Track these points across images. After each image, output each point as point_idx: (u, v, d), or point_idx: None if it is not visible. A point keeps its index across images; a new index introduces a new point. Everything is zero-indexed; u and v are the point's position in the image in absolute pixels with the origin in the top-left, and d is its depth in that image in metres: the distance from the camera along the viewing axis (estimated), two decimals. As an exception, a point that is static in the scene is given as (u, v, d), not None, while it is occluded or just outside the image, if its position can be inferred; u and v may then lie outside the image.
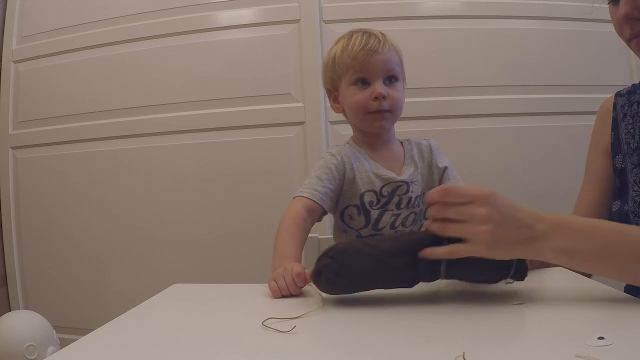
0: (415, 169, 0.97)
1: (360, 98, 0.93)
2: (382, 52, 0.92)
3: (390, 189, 0.94)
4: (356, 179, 0.94)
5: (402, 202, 0.94)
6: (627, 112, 0.90)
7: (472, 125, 1.73)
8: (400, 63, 0.96)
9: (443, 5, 1.79)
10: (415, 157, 0.99)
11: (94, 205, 1.90)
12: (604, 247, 0.62)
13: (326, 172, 0.93)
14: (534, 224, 0.63)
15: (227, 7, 1.83)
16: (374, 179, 0.94)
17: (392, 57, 0.94)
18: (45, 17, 1.97)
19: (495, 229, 0.61)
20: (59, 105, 1.94)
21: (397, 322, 0.60)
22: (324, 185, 0.92)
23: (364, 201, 0.94)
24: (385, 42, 0.93)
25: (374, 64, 0.92)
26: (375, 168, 0.95)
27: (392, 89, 0.93)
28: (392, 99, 0.93)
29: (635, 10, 0.72)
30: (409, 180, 0.95)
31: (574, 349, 0.44)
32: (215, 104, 1.81)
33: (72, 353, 0.51)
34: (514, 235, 0.62)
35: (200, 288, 0.86)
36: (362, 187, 0.94)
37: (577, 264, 0.64)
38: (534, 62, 1.76)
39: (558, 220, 0.64)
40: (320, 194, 0.90)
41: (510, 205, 0.64)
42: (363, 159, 0.96)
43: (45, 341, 1.51)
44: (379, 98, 0.91)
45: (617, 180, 0.90)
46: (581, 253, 0.62)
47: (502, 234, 0.62)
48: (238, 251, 1.77)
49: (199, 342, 0.53)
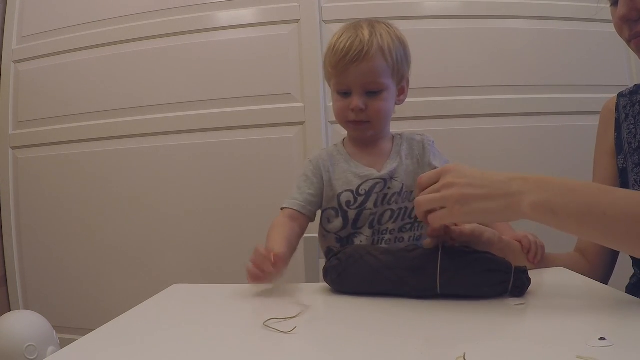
0: (399, 164, 0.94)
1: (340, 107, 0.93)
2: (364, 61, 0.87)
3: (368, 187, 0.92)
4: (332, 181, 0.94)
5: (378, 199, 0.92)
6: (629, 112, 0.90)
7: (472, 125, 1.73)
8: (393, 67, 0.91)
9: (443, 5, 1.79)
10: (402, 152, 0.95)
11: (94, 205, 1.89)
12: (589, 203, 0.59)
13: (304, 179, 0.96)
14: (508, 181, 0.63)
15: (227, 7, 1.83)
16: (352, 178, 0.93)
17: (375, 66, 0.88)
18: (45, 17, 1.97)
19: (463, 190, 0.63)
20: (59, 105, 1.94)
21: (398, 323, 0.60)
22: (302, 192, 0.94)
23: (341, 202, 0.93)
24: (370, 48, 0.87)
25: (353, 75, 0.88)
26: (354, 167, 0.94)
27: (374, 100, 0.90)
28: (372, 110, 0.90)
29: (632, 11, 0.73)
30: (388, 177, 0.92)
31: (574, 350, 0.44)
32: (215, 104, 1.81)
33: (72, 353, 0.51)
34: (486, 193, 0.63)
35: (200, 288, 0.86)
36: (338, 188, 0.93)
37: (562, 221, 0.61)
38: (534, 62, 1.76)
39: (539, 177, 0.63)
40: (300, 202, 0.93)
41: (482, 170, 0.65)
42: (342, 161, 0.96)
43: (45, 341, 1.51)
44: (355, 111, 0.90)
45: (619, 180, 0.90)
46: (566, 208, 0.60)
47: (472, 193, 0.63)
48: (238, 251, 1.77)
49: (199, 342, 0.53)
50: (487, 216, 0.64)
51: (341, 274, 0.71)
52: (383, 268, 0.68)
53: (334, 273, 0.71)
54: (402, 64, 0.93)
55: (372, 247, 0.74)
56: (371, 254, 0.71)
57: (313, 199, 0.94)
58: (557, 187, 0.61)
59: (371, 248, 0.74)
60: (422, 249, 0.71)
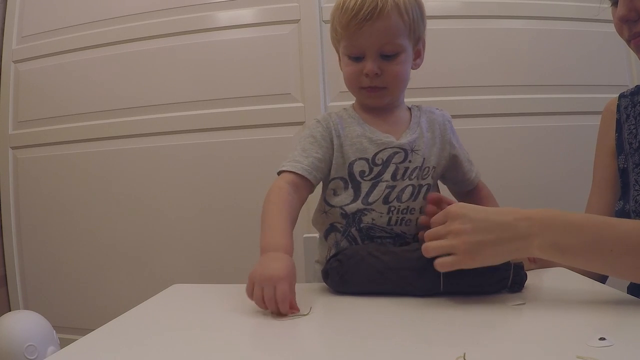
0: (419, 136, 0.85)
1: (352, 71, 0.83)
2: (378, 19, 0.78)
3: (386, 156, 0.81)
4: (344, 146, 0.83)
5: (398, 172, 0.81)
6: (630, 112, 0.90)
7: (472, 125, 1.73)
8: (409, 26, 0.82)
9: (443, 5, 1.79)
10: (422, 125, 0.86)
11: (93, 205, 1.89)
12: (595, 240, 0.60)
13: (310, 141, 0.84)
14: (516, 223, 0.63)
15: (227, 7, 1.83)
16: (367, 145, 0.82)
17: (391, 24, 0.79)
18: (45, 17, 1.97)
19: (470, 238, 0.63)
20: (59, 105, 1.94)
21: (398, 322, 0.60)
22: (308, 154, 0.82)
23: (354, 171, 0.82)
24: (385, 4, 0.78)
25: (367, 36, 0.79)
26: (369, 132, 0.84)
27: (390, 64, 0.82)
28: (389, 74, 0.82)
29: (632, 12, 0.74)
30: (408, 148, 0.82)
31: (575, 350, 0.44)
32: (215, 104, 1.81)
33: (72, 353, 0.51)
34: (494, 238, 0.63)
35: (200, 288, 0.86)
36: (351, 155, 0.82)
37: (570, 259, 0.62)
38: (534, 62, 1.76)
39: (545, 216, 0.63)
40: (305, 166, 0.81)
41: (486, 211, 0.65)
42: (355, 124, 0.85)
43: (45, 341, 1.51)
44: (370, 76, 0.81)
45: (620, 180, 0.91)
46: (573, 248, 0.61)
47: (481, 241, 0.63)
48: (238, 251, 1.77)
49: (199, 342, 0.53)
50: (496, 259, 0.64)
51: (343, 277, 0.70)
52: (386, 269, 0.68)
53: (336, 275, 0.71)
54: (419, 22, 0.84)
55: (372, 247, 0.74)
56: (372, 254, 0.70)
57: (320, 164, 0.82)
58: (561, 225, 0.62)
59: (371, 248, 0.73)
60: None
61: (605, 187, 0.94)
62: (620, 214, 0.87)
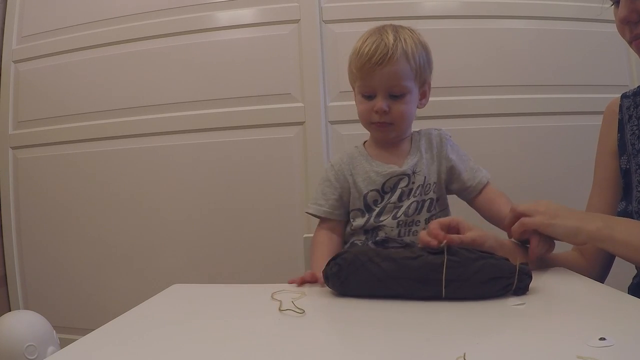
0: (419, 159, 0.98)
1: (364, 109, 0.96)
2: (388, 64, 0.90)
3: (392, 184, 0.96)
4: (357, 182, 0.98)
5: (404, 194, 0.95)
6: (633, 113, 0.90)
7: (472, 125, 1.73)
8: (416, 71, 0.94)
9: (443, 5, 1.79)
10: (422, 147, 0.99)
11: (94, 205, 1.89)
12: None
13: (327, 184, 1.00)
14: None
15: (227, 7, 1.83)
16: (375, 177, 0.96)
17: (399, 69, 0.91)
18: (45, 17, 1.97)
19: (549, 207, 0.78)
20: (59, 105, 1.94)
21: (398, 323, 0.60)
22: (327, 197, 0.99)
23: (368, 202, 0.96)
24: (395, 52, 0.90)
25: (378, 78, 0.92)
26: (375, 166, 0.98)
27: (398, 103, 0.94)
28: (395, 112, 0.94)
29: (633, 13, 0.74)
30: (410, 171, 0.96)
31: (575, 350, 0.44)
32: (215, 104, 1.81)
33: (72, 353, 0.51)
34: (569, 212, 0.77)
35: (200, 288, 0.86)
36: (364, 188, 0.97)
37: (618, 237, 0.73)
38: (534, 62, 1.76)
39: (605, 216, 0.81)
40: (326, 209, 0.99)
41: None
42: (363, 161, 0.99)
43: (45, 341, 1.51)
44: (379, 113, 0.93)
45: (622, 181, 0.90)
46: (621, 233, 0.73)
47: (558, 210, 0.77)
48: (238, 251, 1.77)
49: (199, 342, 0.53)
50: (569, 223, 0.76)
51: (343, 282, 0.70)
52: (387, 278, 0.67)
53: (336, 280, 0.71)
54: (425, 68, 0.96)
55: (373, 253, 0.72)
56: (373, 260, 0.69)
57: (338, 203, 0.99)
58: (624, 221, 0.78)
59: (372, 254, 0.71)
60: (425, 255, 0.68)
61: (606, 187, 0.94)
62: (622, 215, 0.87)
